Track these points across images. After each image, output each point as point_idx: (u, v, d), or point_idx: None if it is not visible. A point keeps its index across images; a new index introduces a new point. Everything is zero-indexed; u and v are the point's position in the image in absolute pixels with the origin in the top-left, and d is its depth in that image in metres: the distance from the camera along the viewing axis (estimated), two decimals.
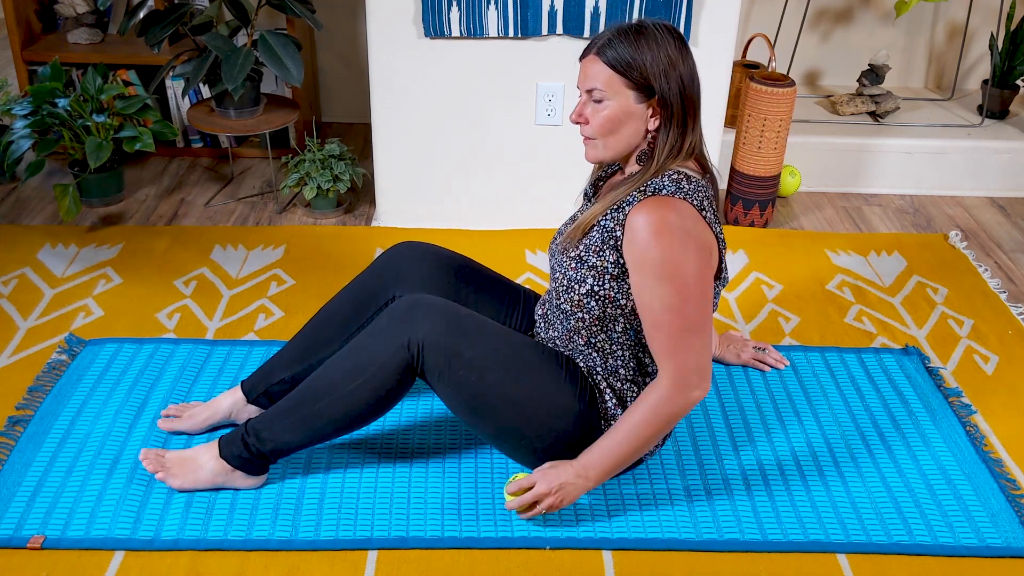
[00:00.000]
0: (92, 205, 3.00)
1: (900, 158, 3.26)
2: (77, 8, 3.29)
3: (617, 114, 1.66)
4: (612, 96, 1.65)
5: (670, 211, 1.62)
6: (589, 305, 1.73)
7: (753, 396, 2.17)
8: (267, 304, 2.49)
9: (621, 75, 1.63)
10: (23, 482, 1.85)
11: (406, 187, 2.90)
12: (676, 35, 1.65)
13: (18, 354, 2.25)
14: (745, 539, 1.78)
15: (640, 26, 1.64)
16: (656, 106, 1.65)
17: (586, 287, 1.72)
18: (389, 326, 1.73)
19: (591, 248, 1.71)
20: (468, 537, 1.76)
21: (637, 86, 1.64)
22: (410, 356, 1.71)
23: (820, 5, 3.57)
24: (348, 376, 1.73)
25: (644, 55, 1.62)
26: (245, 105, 2.96)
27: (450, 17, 2.62)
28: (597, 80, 1.65)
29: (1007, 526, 1.82)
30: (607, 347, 1.76)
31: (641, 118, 1.67)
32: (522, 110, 2.78)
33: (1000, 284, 2.71)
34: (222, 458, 1.80)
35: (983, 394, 2.22)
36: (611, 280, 1.70)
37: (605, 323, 1.74)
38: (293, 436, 1.77)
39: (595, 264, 1.71)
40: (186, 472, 1.81)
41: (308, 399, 1.76)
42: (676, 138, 1.67)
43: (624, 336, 1.75)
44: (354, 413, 1.75)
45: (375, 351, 1.72)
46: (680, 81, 1.64)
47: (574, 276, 1.74)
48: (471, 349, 1.72)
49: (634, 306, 1.71)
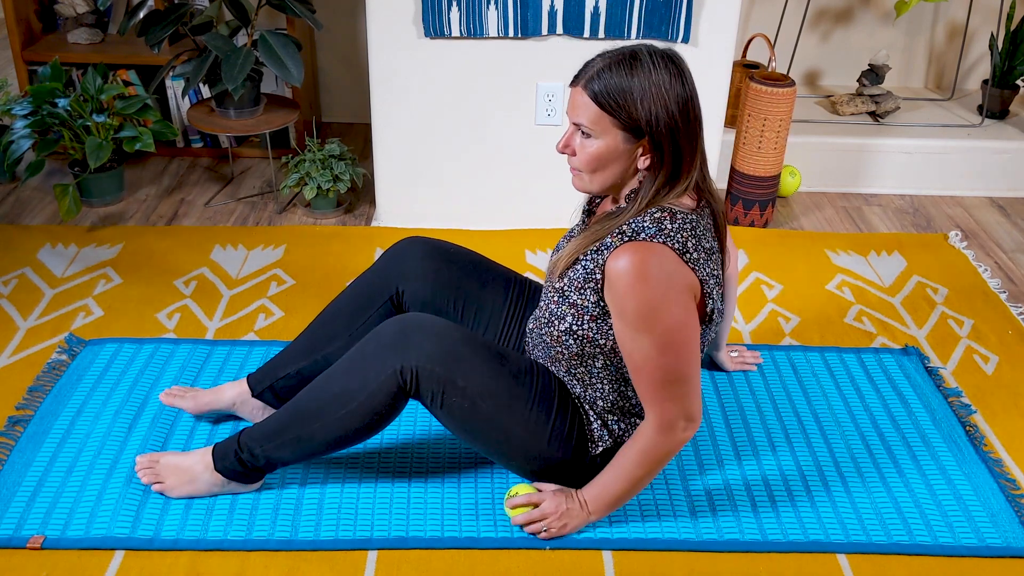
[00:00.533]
0: (92, 205, 3.00)
1: (900, 158, 3.26)
2: (77, 8, 3.29)
3: (604, 152, 1.57)
4: (599, 134, 1.56)
5: (649, 256, 1.53)
6: (567, 343, 1.69)
7: (753, 396, 2.17)
8: (267, 304, 2.49)
9: (609, 114, 1.53)
10: (23, 482, 1.85)
11: (406, 187, 2.90)
12: (675, 66, 1.54)
13: (18, 354, 2.25)
14: (745, 539, 1.77)
15: (633, 56, 1.53)
16: (647, 146, 1.56)
17: (565, 324, 1.68)
18: (380, 350, 1.69)
19: (573, 284, 1.66)
20: (468, 537, 1.76)
21: (625, 126, 1.54)
22: (402, 382, 1.67)
23: (820, 5, 3.57)
24: (338, 401, 1.70)
25: (634, 93, 1.51)
26: (245, 105, 2.96)
27: (450, 17, 2.62)
28: (584, 115, 1.55)
29: (1007, 526, 1.82)
30: (587, 379, 1.73)
31: (630, 157, 1.58)
32: (522, 110, 2.78)
33: (1000, 284, 2.71)
34: (217, 471, 1.80)
35: (983, 394, 2.22)
36: (590, 320, 1.65)
37: (584, 359, 1.70)
38: (286, 454, 1.77)
39: (576, 302, 1.65)
40: (182, 482, 1.81)
41: (298, 421, 1.73)
42: (666, 180, 1.58)
43: (604, 371, 1.71)
44: (346, 435, 1.73)
45: (365, 376, 1.68)
46: (674, 121, 1.53)
47: (555, 311, 1.69)
48: (464, 378, 1.68)
49: (614, 345, 1.66)
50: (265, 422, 1.78)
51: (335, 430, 1.72)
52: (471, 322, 1.93)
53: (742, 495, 1.88)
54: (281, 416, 1.76)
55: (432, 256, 1.94)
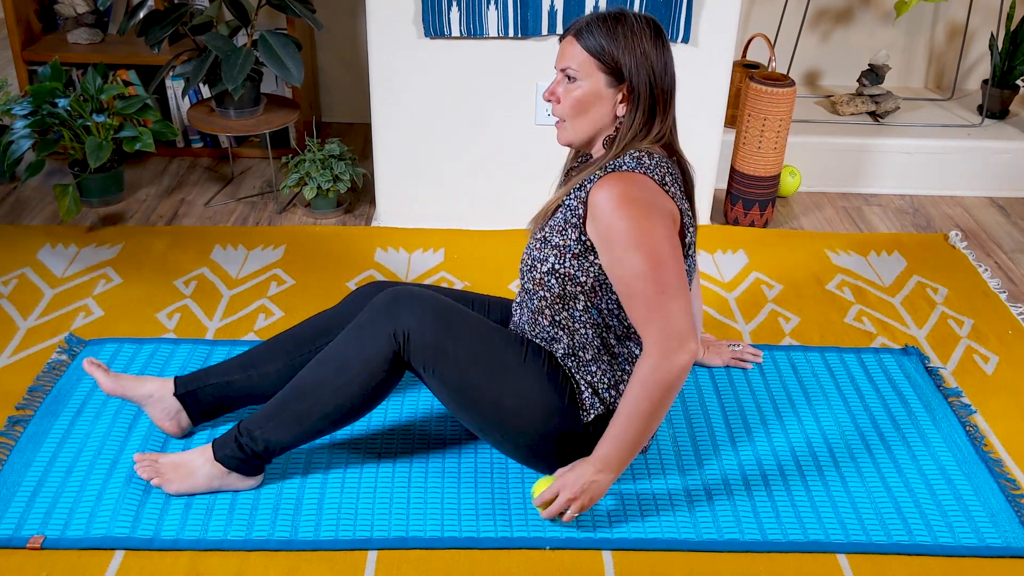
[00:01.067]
0: (92, 205, 3.00)
1: (900, 158, 3.26)
2: (77, 8, 3.29)
3: (587, 96, 1.70)
4: (584, 78, 1.69)
5: (631, 184, 1.65)
6: (549, 283, 1.75)
7: (753, 396, 2.17)
8: (267, 304, 2.49)
9: (595, 58, 1.67)
10: (23, 482, 1.85)
11: (406, 187, 2.90)
12: (654, 28, 1.69)
13: (18, 354, 2.25)
14: (745, 539, 1.78)
15: (620, 14, 1.68)
16: (626, 92, 1.69)
17: (547, 265, 1.75)
18: (374, 320, 1.75)
19: (555, 228, 1.74)
20: (468, 537, 1.76)
21: (609, 70, 1.67)
22: (396, 346, 1.73)
23: (820, 5, 3.57)
24: (336, 372, 1.74)
25: (619, 42, 1.66)
26: (245, 105, 2.96)
27: (450, 17, 2.62)
28: (572, 60, 1.69)
29: (1007, 526, 1.82)
30: (571, 325, 1.77)
31: (610, 102, 1.70)
32: (522, 110, 2.78)
33: (1000, 284, 2.71)
34: (217, 461, 1.80)
35: (983, 394, 2.22)
36: (572, 258, 1.72)
37: (566, 301, 1.75)
38: (285, 434, 1.77)
39: (558, 243, 1.73)
40: (181, 477, 1.81)
41: (297, 397, 1.76)
42: (641, 125, 1.71)
43: (586, 315, 1.76)
44: (345, 408, 1.76)
45: (362, 345, 1.74)
46: (651, 71, 1.67)
47: (537, 256, 1.77)
48: (455, 345, 1.74)
49: (594, 283, 1.73)
50: (265, 405, 1.79)
51: (333, 401, 1.74)
52: None
53: (742, 495, 1.88)
54: (281, 396, 1.78)
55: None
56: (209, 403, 1.95)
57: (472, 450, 1.98)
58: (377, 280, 2.02)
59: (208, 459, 1.80)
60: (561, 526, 1.78)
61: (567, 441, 1.77)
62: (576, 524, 1.79)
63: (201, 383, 1.95)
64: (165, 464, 1.82)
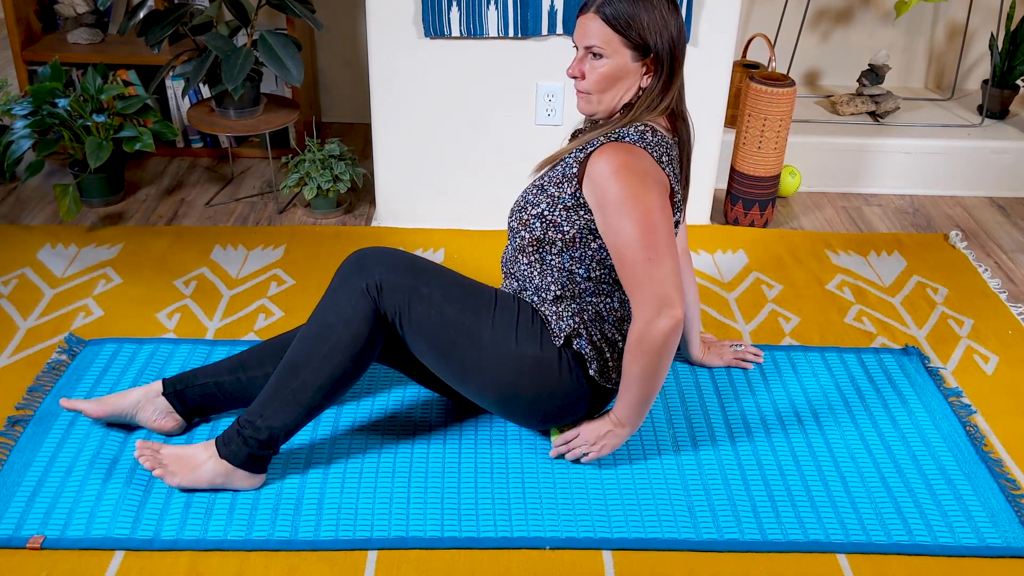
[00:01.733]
0: (92, 205, 3.00)
1: (900, 158, 3.26)
2: (77, 8, 3.29)
3: (614, 71, 1.74)
4: (610, 54, 1.72)
5: (628, 155, 1.71)
6: (533, 225, 1.82)
7: (753, 396, 2.17)
8: (267, 304, 2.49)
9: (620, 34, 1.70)
10: (23, 482, 1.85)
11: (406, 187, 2.90)
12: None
13: (18, 354, 2.25)
14: (745, 539, 1.78)
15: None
16: (650, 64, 1.74)
17: (537, 210, 1.82)
18: (344, 280, 1.80)
19: (552, 179, 1.82)
20: (468, 537, 1.76)
21: (634, 45, 1.71)
22: (372, 299, 1.77)
23: (820, 5, 3.57)
24: (320, 340, 1.77)
25: (642, 16, 1.69)
26: (245, 105, 2.96)
27: (450, 17, 2.62)
28: (596, 38, 1.72)
29: (1007, 526, 1.82)
30: (540, 266, 1.85)
31: (636, 75, 1.75)
32: (522, 110, 2.78)
33: (1000, 284, 2.71)
34: (222, 458, 1.80)
35: (983, 394, 2.22)
36: (563, 209, 1.79)
37: (543, 245, 1.82)
38: (286, 415, 1.78)
39: (552, 193, 1.81)
40: (185, 470, 1.81)
41: (289, 374, 1.78)
42: (659, 94, 1.77)
43: (557, 259, 1.83)
44: (337, 374, 1.78)
45: (338, 307, 1.78)
46: (672, 40, 1.72)
47: (531, 199, 1.84)
48: (427, 285, 1.79)
49: (575, 235, 1.80)
50: (260, 394, 1.81)
51: (325, 369, 1.77)
52: None
53: (742, 495, 1.88)
54: (273, 379, 1.80)
55: None
56: (196, 404, 1.96)
57: (472, 450, 1.98)
58: None
59: (212, 455, 1.80)
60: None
61: (542, 371, 1.80)
62: (575, 525, 1.79)
63: (189, 383, 1.95)
64: (168, 455, 1.82)
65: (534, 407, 1.85)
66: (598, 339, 1.84)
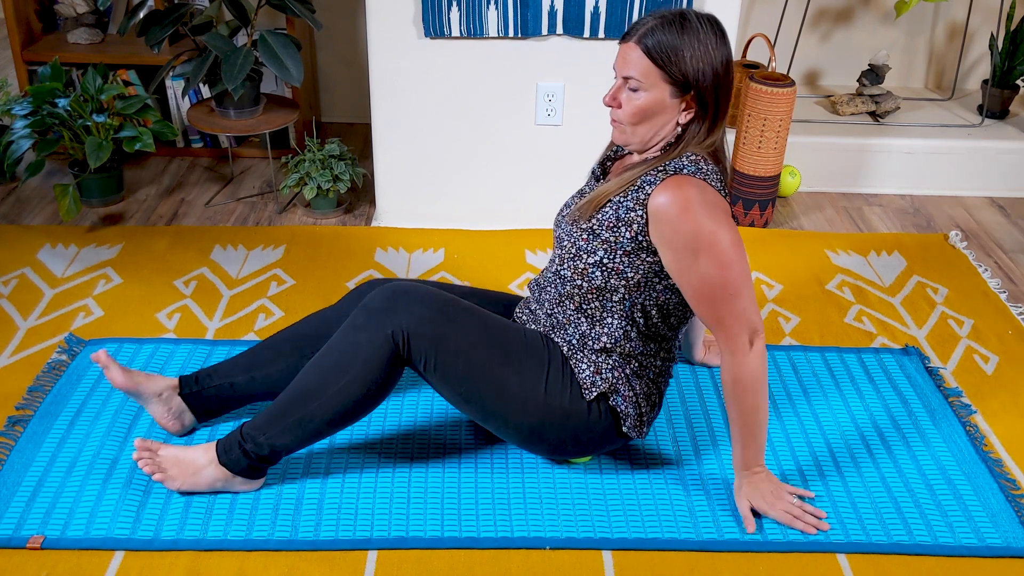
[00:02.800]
0: (92, 205, 3.00)
1: (900, 158, 3.26)
2: (77, 8, 3.29)
3: (651, 105, 1.66)
4: (648, 87, 1.65)
5: (692, 187, 1.64)
6: (593, 274, 1.74)
7: None
8: (267, 304, 2.49)
9: (660, 68, 1.63)
10: (23, 482, 1.85)
11: (406, 187, 2.90)
12: (718, 29, 1.64)
13: (18, 354, 2.25)
14: (745, 539, 1.77)
15: (683, 18, 1.63)
16: (691, 101, 1.66)
17: (595, 258, 1.73)
18: (370, 319, 1.73)
19: (604, 224, 1.72)
20: (468, 537, 1.76)
21: (674, 81, 1.64)
22: (395, 346, 1.72)
23: (820, 5, 3.57)
24: (336, 373, 1.73)
25: (684, 50, 1.61)
26: (245, 105, 2.96)
27: (450, 17, 2.62)
28: (635, 69, 1.65)
29: (1007, 526, 1.82)
30: (598, 315, 1.77)
31: (674, 111, 1.68)
32: (522, 110, 2.78)
33: (1000, 284, 2.71)
34: (221, 465, 1.80)
35: (983, 394, 2.22)
36: (623, 255, 1.71)
37: (604, 292, 1.75)
38: (288, 438, 1.77)
39: (608, 239, 1.71)
40: (184, 475, 1.80)
41: (299, 401, 1.75)
42: (705, 134, 1.69)
43: (619, 306, 1.76)
44: (346, 409, 1.75)
45: (359, 345, 1.72)
46: (717, 76, 1.64)
47: (584, 246, 1.74)
48: (455, 338, 1.73)
49: (640, 279, 1.72)
50: (266, 411, 1.78)
51: (335, 404, 1.73)
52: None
53: None
54: (281, 401, 1.77)
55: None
56: (214, 404, 1.96)
57: (472, 450, 1.98)
58: (375, 279, 2.01)
59: (212, 461, 1.80)
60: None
61: (572, 425, 1.78)
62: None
63: (204, 385, 1.95)
64: (167, 459, 1.81)
65: (556, 449, 1.83)
66: (635, 395, 1.80)
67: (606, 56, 2.70)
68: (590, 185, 1.87)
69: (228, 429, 2.01)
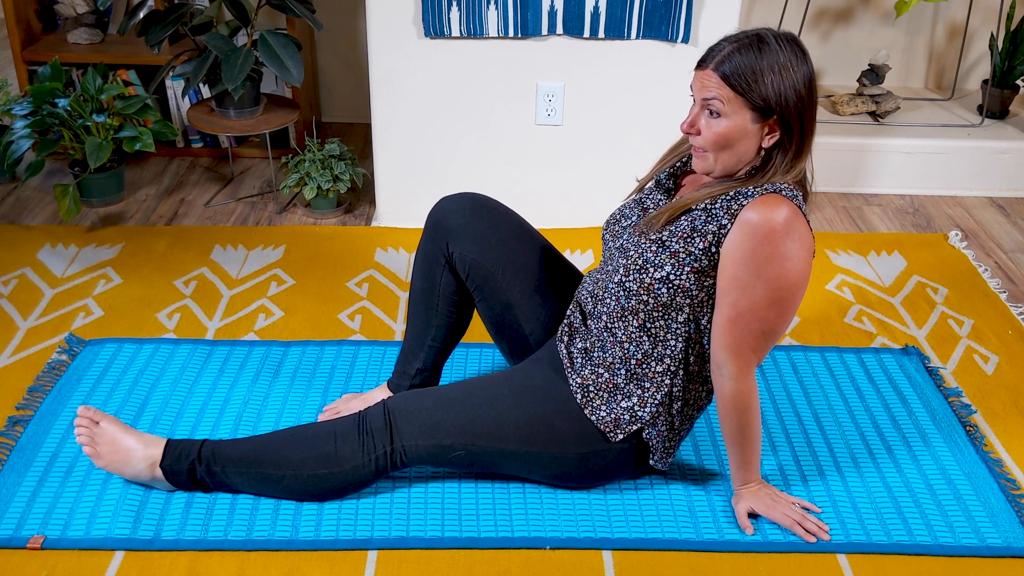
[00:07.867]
0: (92, 205, 3.00)
1: (900, 158, 3.26)
2: (77, 8, 3.29)
3: (732, 131, 1.59)
4: (729, 113, 1.58)
5: (790, 212, 1.57)
6: (659, 291, 1.66)
7: None
8: (267, 304, 2.49)
9: (740, 95, 1.56)
10: (23, 482, 1.85)
11: (406, 187, 2.89)
12: (799, 47, 1.58)
13: (18, 354, 2.25)
14: (745, 539, 1.77)
15: (761, 40, 1.56)
16: (774, 125, 1.59)
17: (662, 273, 1.65)
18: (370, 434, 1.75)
19: (677, 234, 1.65)
20: (468, 537, 1.76)
21: (755, 106, 1.57)
22: (390, 463, 1.76)
23: (820, 5, 3.57)
24: (321, 462, 1.75)
25: (765, 75, 1.55)
26: (245, 105, 2.96)
27: (450, 17, 2.62)
28: (714, 95, 1.58)
29: (1007, 526, 1.82)
30: (661, 334, 1.70)
31: (756, 136, 1.61)
32: (522, 110, 2.78)
33: (1000, 284, 2.71)
34: (161, 468, 1.78)
35: (983, 394, 2.22)
36: (691, 272, 1.64)
37: (668, 311, 1.68)
38: (244, 485, 1.79)
39: (677, 251, 1.64)
40: (113, 459, 1.78)
41: (274, 462, 1.76)
42: (792, 160, 1.62)
43: (683, 327, 1.69)
44: (316, 493, 1.79)
45: (353, 451, 1.75)
46: (800, 101, 1.57)
47: (652, 259, 1.66)
48: (452, 437, 1.75)
49: (705, 298, 1.67)
50: (237, 445, 1.78)
51: (307, 486, 1.77)
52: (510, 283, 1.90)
53: None
54: (258, 447, 1.78)
55: (479, 215, 1.91)
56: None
57: None
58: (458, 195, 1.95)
59: (150, 460, 1.78)
60: (562, 524, 1.79)
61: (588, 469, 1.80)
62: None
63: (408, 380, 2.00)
64: (103, 436, 1.78)
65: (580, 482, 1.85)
66: (670, 427, 1.78)
67: (606, 56, 2.70)
68: (653, 196, 1.78)
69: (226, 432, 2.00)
